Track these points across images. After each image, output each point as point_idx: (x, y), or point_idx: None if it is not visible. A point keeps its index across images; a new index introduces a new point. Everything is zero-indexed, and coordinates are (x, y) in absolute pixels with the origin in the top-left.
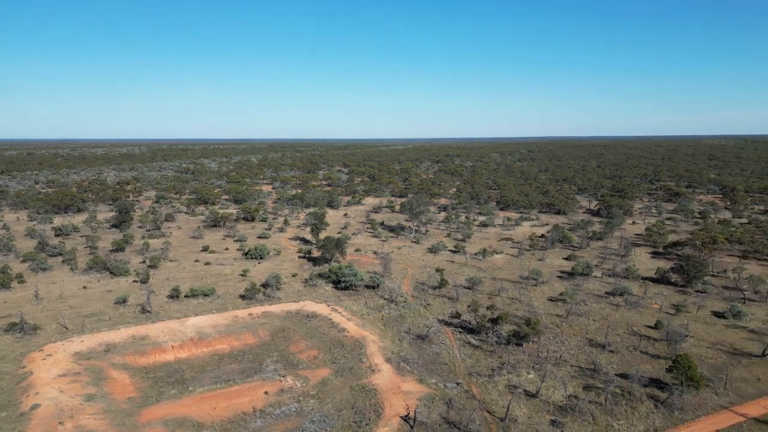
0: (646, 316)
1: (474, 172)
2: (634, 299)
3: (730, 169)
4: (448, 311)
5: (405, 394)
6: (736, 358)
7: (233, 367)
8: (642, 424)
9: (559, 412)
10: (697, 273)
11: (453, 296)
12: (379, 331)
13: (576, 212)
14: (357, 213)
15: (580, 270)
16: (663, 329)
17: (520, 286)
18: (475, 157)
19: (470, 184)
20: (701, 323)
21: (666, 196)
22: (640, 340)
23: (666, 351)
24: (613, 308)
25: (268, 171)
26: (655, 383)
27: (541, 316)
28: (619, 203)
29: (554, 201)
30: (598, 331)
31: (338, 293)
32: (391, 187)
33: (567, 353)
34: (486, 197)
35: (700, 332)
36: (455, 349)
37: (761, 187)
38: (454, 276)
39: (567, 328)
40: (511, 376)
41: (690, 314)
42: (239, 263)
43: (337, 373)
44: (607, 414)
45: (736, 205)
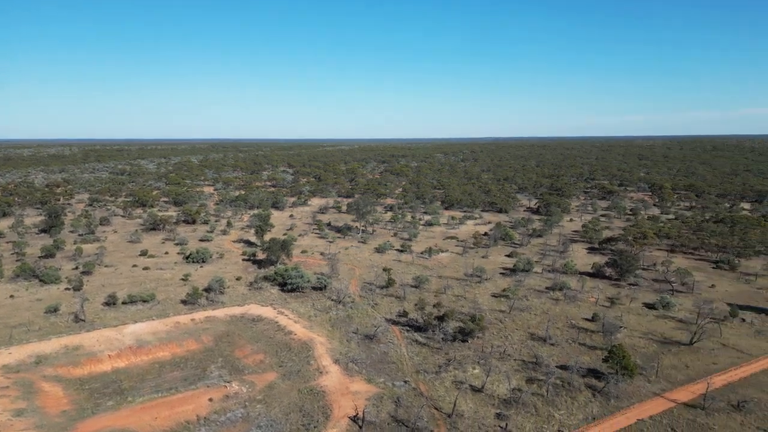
0: (583, 309)
1: (419, 172)
2: (573, 293)
3: (658, 168)
4: (395, 310)
5: (354, 395)
6: (667, 346)
7: (175, 374)
8: (581, 412)
9: (504, 406)
10: (629, 267)
11: (400, 295)
12: (327, 332)
13: (517, 210)
14: (303, 214)
15: (521, 266)
16: (599, 321)
17: (465, 283)
18: (419, 157)
19: (416, 184)
20: (634, 314)
21: (600, 194)
22: (579, 333)
23: (602, 342)
24: (553, 302)
25: (210, 172)
26: (593, 373)
27: (485, 313)
28: (557, 201)
29: (496, 200)
30: (539, 325)
31: (284, 296)
32: (337, 187)
33: (510, 347)
34: (431, 197)
35: (633, 323)
36: (403, 348)
37: (686, 185)
38: (401, 275)
39: (510, 323)
40: (457, 372)
41: (624, 306)
42: (180, 267)
43: (285, 376)
44: (549, 405)
45: (664, 202)
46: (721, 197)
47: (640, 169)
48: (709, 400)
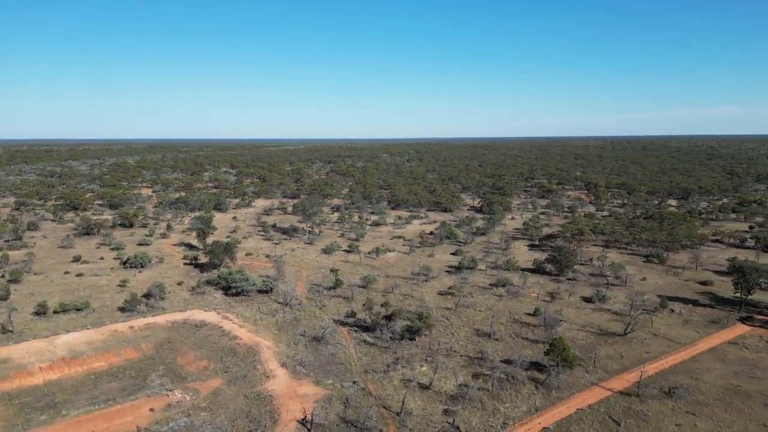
0: (525, 304)
1: (365, 172)
2: (515, 289)
3: (593, 168)
4: (343, 311)
5: (302, 398)
6: (603, 337)
7: (113, 385)
8: (525, 405)
9: (451, 401)
10: (568, 262)
11: (348, 296)
12: (274, 336)
13: (461, 209)
14: (247, 215)
15: (466, 264)
16: (541, 316)
17: (412, 282)
18: (365, 157)
19: (362, 184)
20: (573, 308)
21: (540, 193)
22: (522, 327)
23: (544, 335)
24: (497, 299)
25: (148, 173)
26: (536, 366)
27: (432, 310)
28: (499, 200)
29: (441, 199)
30: (484, 321)
31: (229, 300)
32: (282, 188)
33: (457, 344)
34: (378, 197)
35: (572, 316)
36: (351, 348)
37: (619, 183)
38: (348, 276)
39: (456, 320)
40: (405, 370)
41: (563, 300)
42: (117, 273)
43: (230, 382)
44: (494, 399)
45: (599, 199)
46: (651, 195)
47: (577, 169)
48: (643, 388)
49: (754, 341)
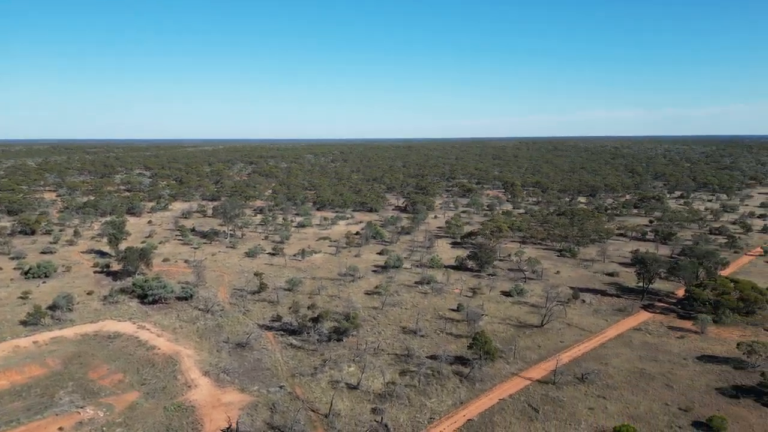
0: (449, 300)
1: (289, 173)
2: (439, 286)
3: (509, 167)
4: (268, 315)
5: (226, 406)
6: (522, 329)
7: (16, 405)
8: (450, 398)
9: (379, 400)
10: (488, 259)
11: (273, 299)
12: (195, 344)
13: (386, 209)
14: (164, 219)
15: (392, 263)
16: (464, 311)
17: (338, 283)
18: (289, 158)
19: (286, 185)
20: (493, 302)
21: (461, 192)
22: (446, 323)
23: (467, 330)
24: (422, 296)
25: (51, 176)
26: (460, 360)
27: (359, 310)
28: (422, 200)
29: (367, 199)
30: (410, 318)
31: (145, 308)
32: (201, 190)
33: (384, 342)
34: (302, 198)
35: (492, 310)
36: (277, 353)
37: (533, 182)
38: (273, 279)
39: (383, 318)
40: (333, 371)
41: (484, 295)
42: (18, 284)
43: (148, 395)
44: (421, 394)
45: (516, 198)
46: (563, 192)
47: (495, 169)
48: (559, 375)
49: (656, 327)
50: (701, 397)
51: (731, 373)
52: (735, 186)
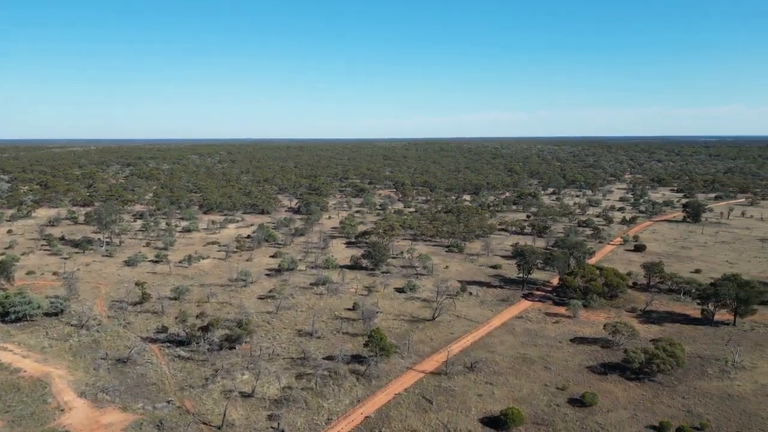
0: (345, 300)
1: (172, 175)
2: (335, 286)
3: (399, 168)
4: (153, 327)
5: (106, 428)
6: (415, 324)
7: None
8: (347, 397)
9: (275, 406)
10: (381, 257)
11: (158, 310)
12: (68, 363)
13: (279, 211)
14: (26, 228)
15: (286, 266)
16: (359, 309)
17: (230, 288)
18: (171, 159)
19: (169, 188)
20: (388, 299)
21: (354, 192)
22: (342, 323)
23: (363, 328)
24: (318, 297)
25: None
26: (356, 359)
27: (252, 316)
28: (316, 200)
29: (257, 201)
30: (305, 321)
31: (7, 327)
32: (71, 195)
33: (279, 347)
34: (188, 201)
35: (387, 307)
36: (164, 366)
37: (422, 181)
38: (157, 288)
39: (278, 323)
40: (225, 381)
41: (379, 293)
42: None
43: (13, 422)
44: (318, 396)
45: (406, 197)
46: (449, 191)
47: (386, 169)
48: (450, 366)
49: (535, 314)
50: (575, 375)
51: (600, 352)
52: (598, 182)
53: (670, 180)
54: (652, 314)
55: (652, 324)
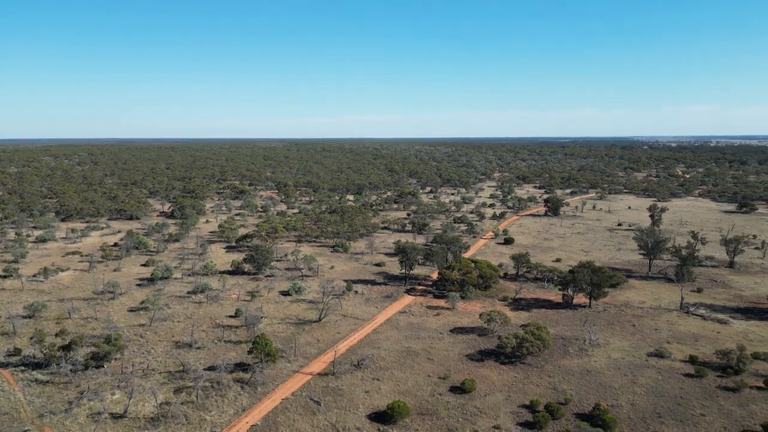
0: (226, 307)
1: (22, 179)
2: (215, 293)
3: (281, 168)
4: (3, 350)
5: None
6: (301, 326)
7: None
8: (231, 408)
9: (152, 425)
10: (265, 260)
11: (8, 330)
12: None
13: (150, 216)
14: None
15: (159, 274)
16: (242, 316)
17: (95, 302)
18: (20, 161)
19: (18, 193)
20: (272, 303)
21: (233, 194)
22: (224, 331)
23: (247, 335)
24: (197, 306)
25: None
26: (240, 367)
27: (122, 330)
28: (191, 204)
29: (125, 206)
30: (183, 331)
31: None
32: None
33: (155, 361)
34: (42, 207)
35: (272, 311)
36: (18, 393)
37: (305, 182)
38: (7, 306)
39: (152, 335)
40: (93, 403)
41: (263, 297)
42: None
43: None
44: (200, 409)
45: (289, 198)
46: (333, 191)
47: (267, 169)
48: (337, 365)
49: (417, 308)
50: (455, 364)
51: (477, 340)
52: (471, 181)
53: (533, 178)
54: (522, 301)
55: (522, 310)
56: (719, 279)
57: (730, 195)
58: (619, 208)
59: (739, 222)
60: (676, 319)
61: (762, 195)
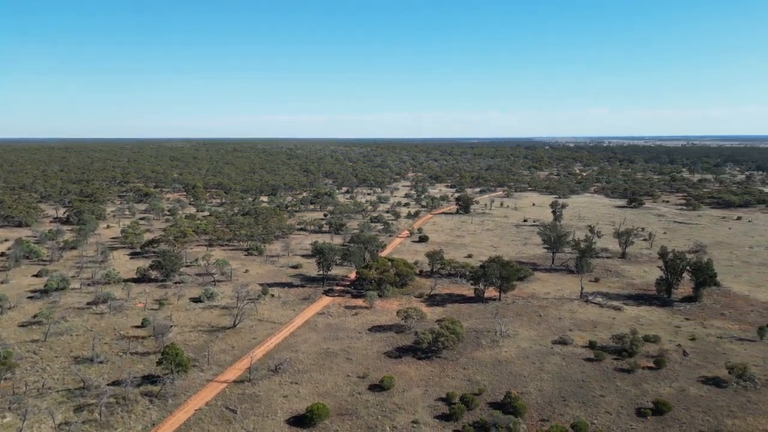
0: (132, 317)
1: None
2: (118, 303)
3: (189, 169)
4: None
5: None
6: (215, 333)
7: None
8: (139, 423)
9: None
10: (173, 266)
11: None
12: None
13: (42, 222)
14: None
15: (54, 285)
16: (150, 326)
17: None
18: None
19: None
20: (183, 311)
21: (137, 197)
22: (130, 343)
23: (155, 345)
24: (98, 317)
25: None
26: (149, 379)
27: (12, 347)
28: (90, 208)
29: (13, 212)
30: (84, 345)
31: None
32: None
33: (51, 379)
34: None
35: (182, 319)
36: None
37: (216, 183)
38: None
39: (47, 351)
40: None
41: (172, 305)
42: None
43: None
44: (104, 427)
45: (198, 200)
46: (246, 192)
47: (174, 170)
48: (254, 372)
49: (336, 309)
50: (374, 362)
51: (394, 337)
52: (386, 181)
53: (445, 177)
54: (437, 297)
55: (437, 306)
56: (613, 269)
57: (621, 191)
58: (525, 205)
59: (630, 216)
60: (576, 308)
61: (648, 191)
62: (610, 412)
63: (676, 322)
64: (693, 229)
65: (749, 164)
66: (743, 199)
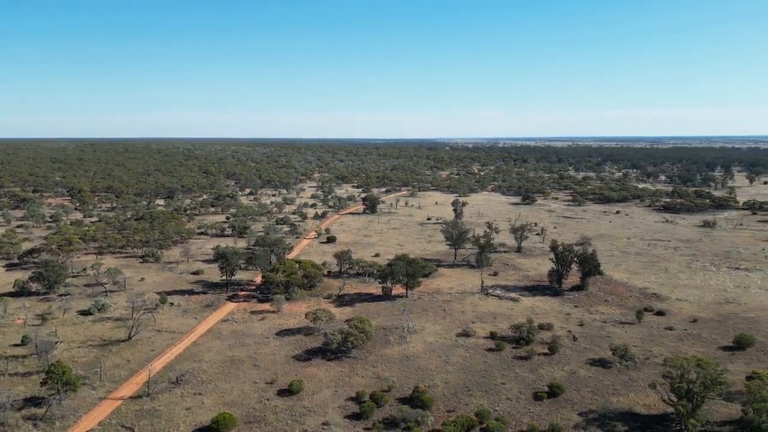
0: (10, 335)
1: None
2: None
3: (74, 171)
4: None
5: None
6: (107, 348)
7: None
8: None
9: None
10: (57, 277)
11: None
12: None
13: None
14: None
15: None
16: (31, 343)
17: None
18: None
19: None
20: (69, 325)
21: (13, 203)
22: (8, 362)
23: (38, 364)
24: None
25: None
26: (32, 402)
27: None
28: None
29: None
30: None
31: None
32: None
33: None
34: None
35: (70, 335)
36: None
37: (105, 187)
38: None
39: None
40: None
41: (57, 320)
42: None
43: None
44: None
45: (86, 205)
46: (139, 196)
47: (56, 173)
48: (153, 385)
49: (241, 315)
50: (282, 367)
51: (304, 340)
52: (291, 182)
53: (351, 177)
54: (345, 297)
55: (346, 306)
56: (510, 262)
57: (515, 189)
58: (428, 203)
59: (524, 212)
60: (478, 301)
61: (540, 189)
62: (510, 398)
63: (566, 310)
64: (579, 223)
65: (625, 163)
66: (621, 195)
